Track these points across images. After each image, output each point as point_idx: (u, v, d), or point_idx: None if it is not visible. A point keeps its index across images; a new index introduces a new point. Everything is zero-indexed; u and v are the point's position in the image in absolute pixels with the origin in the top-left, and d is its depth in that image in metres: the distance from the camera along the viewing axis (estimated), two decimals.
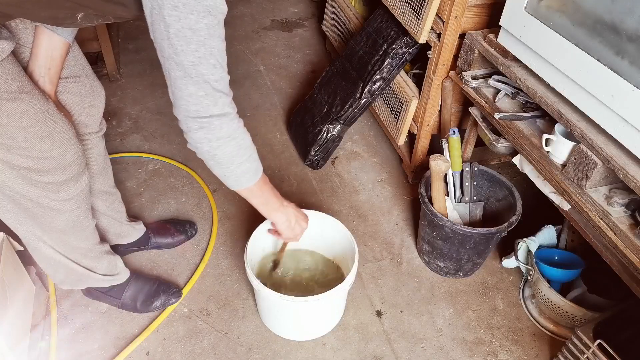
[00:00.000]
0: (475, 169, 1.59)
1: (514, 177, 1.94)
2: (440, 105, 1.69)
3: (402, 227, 1.78)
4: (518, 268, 1.62)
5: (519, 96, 1.41)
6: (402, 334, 1.46)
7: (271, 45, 2.67)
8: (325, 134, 1.89)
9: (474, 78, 1.49)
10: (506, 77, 1.40)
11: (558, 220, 1.52)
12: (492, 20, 1.49)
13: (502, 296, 1.58)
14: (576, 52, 1.12)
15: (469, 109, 1.57)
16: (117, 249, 1.51)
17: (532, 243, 1.50)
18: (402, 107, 1.81)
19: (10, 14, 0.92)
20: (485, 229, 1.42)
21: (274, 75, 2.46)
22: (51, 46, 1.04)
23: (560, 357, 1.30)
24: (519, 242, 1.51)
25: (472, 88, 1.49)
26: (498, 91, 1.45)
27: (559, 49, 1.17)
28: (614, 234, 1.14)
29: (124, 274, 1.42)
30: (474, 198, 1.63)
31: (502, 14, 1.32)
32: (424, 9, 1.51)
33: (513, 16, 1.29)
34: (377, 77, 1.77)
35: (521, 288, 1.60)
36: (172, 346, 1.39)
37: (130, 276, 1.44)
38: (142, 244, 1.58)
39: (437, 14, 1.52)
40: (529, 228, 1.54)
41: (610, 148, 1.11)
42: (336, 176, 1.96)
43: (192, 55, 0.85)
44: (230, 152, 1.00)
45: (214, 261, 1.61)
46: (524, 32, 1.26)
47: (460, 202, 1.62)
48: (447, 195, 1.62)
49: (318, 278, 1.53)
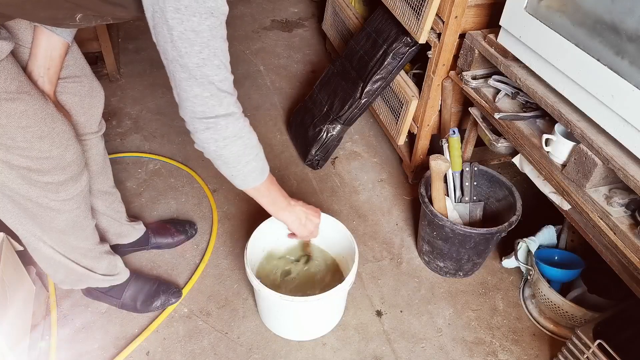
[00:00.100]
0: (475, 169, 1.59)
1: (514, 177, 1.94)
2: (440, 105, 1.69)
3: (402, 227, 1.78)
4: (518, 268, 1.62)
5: (519, 96, 1.41)
6: (402, 334, 1.46)
7: (271, 45, 2.67)
8: (325, 134, 1.89)
9: (474, 78, 1.49)
10: (506, 77, 1.40)
11: (558, 220, 1.52)
12: (492, 20, 1.49)
13: (502, 296, 1.58)
14: (576, 52, 1.12)
15: (469, 109, 1.57)
16: (117, 249, 1.51)
17: (532, 243, 1.50)
18: (402, 107, 1.81)
19: (9, 15, 0.92)
20: (485, 229, 1.42)
21: (274, 75, 2.46)
22: (50, 46, 1.04)
23: (560, 357, 1.30)
24: (519, 242, 1.51)
25: (472, 88, 1.49)
26: (498, 91, 1.45)
27: (559, 49, 1.17)
28: (614, 234, 1.14)
29: (124, 274, 1.42)
30: (474, 198, 1.63)
31: (502, 14, 1.32)
32: (424, 9, 1.51)
33: (513, 16, 1.29)
34: (377, 77, 1.77)
35: (521, 288, 1.60)
36: (172, 346, 1.39)
37: (130, 276, 1.44)
38: (142, 244, 1.58)
39: (437, 14, 1.52)
40: (529, 228, 1.54)
41: (610, 148, 1.11)
42: (336, 176, 1.96)
43: (196, 56, 0.86)
44: (237, 152, 1.00)
45: (214, 261, 1.61)
46: (524, 32, 1.26)
47: (460, 202, 1.62)
48: (447, 195, 1.62)
49: (318, 278, 1.54)
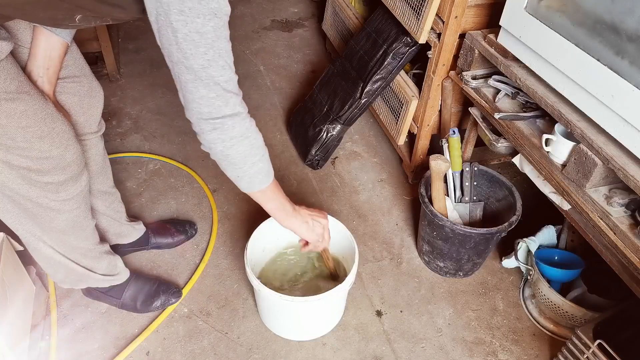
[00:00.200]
0: (475, 169, 1.59)
1: (514, 177, 1.94)
2: (440, 105, 1.69)
3: (402, 227, 1.78)
4: (518, 268, 1.62)
5: (519, 96, 1.41)
6: (402, 334, 1.46)
7: (271, 45, 2.67)
8: (325, 134, 1.89)
9: (474, 78, 1.49)
10: (506, 77, 1.40)
11: (558, 220, 1.52)
12: (492, 20, 1.49)
13: (502, 296, 1.58)
14: (576, 52, 1.12)
15: (469, 109, 1.57)
16: (117, 249, 1.51)
17: (532, 243, 1.50)
18: (402, 107, 1.81)
19: (9, 15, 0.92)
20: (485, 229, 1.42)
21: (274, 75, 2.46)
22: (49, 46, 1.04)
23: (560, 357, 1.30)
24: (519, 242, 1.51)
25: (472, 88, 1.49)
26: (498, 91, 1.45)
27: (559, 49, 1.17)
28: (614, 234, 1.14)
29: (124, 274, 1.42)
30: (474, 198, 1.63)
31: (502, 14, 1.32)
32: (424, 9, 1.51)
33: (513, 16, 1.28)
34: (377, 77, 1.77)
35: (521, 288, 1.60)
36: (172, 346, 1.39)
37: (130, 276, 1.44)
38: (142, 244, 1.58)
39: (437, 14, 1.52)
40: (529, 228, 1.54)
41: (610, 148, 1.11)
42: (336, 176, 1.96)
43: (201, 58, 0.86)
44: (244, 152, 1.01)
45: (214, 261, 1.61)
46: (524, 32, 1.26)
47: (460, 202, 1.62)
48: (447, 195, 1.62)
49: (318, 278, 1.54)
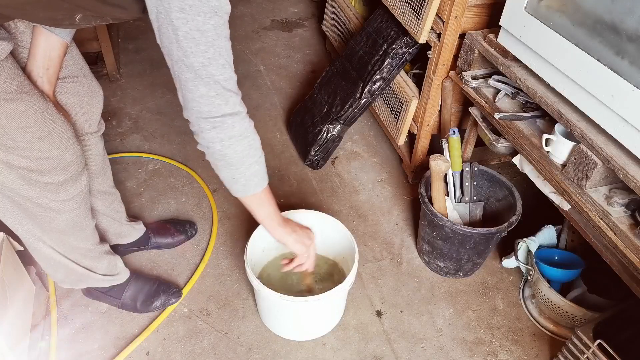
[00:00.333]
0: (475, 169, 1.59)
1: (514, 177, 1.94)
2: (440, 105, 1.69)
3: (402, 227, 1.78)
4: (518, 268, 1.62)
5: (519, 96, 1.41)
6: (402, 334, 1.46)
7: (271, 45, 2.67)
8: (325, 134, 1.89)
9: (474, 78, 1.49)
10: (506, 77, 1.40)
11: (558, 220, 1.52)
12: (492, 20, 1.49)
13: (502, 296, 1.58)
14: (576, 52, 1.12)
15: (469, 109, 1.57)
16: (117, 249, 1.51)
17: (532, 243, 1.50)
18: (402, 107, 1.81)
19: (9, 15, 0.92)
20: (485, 229, 1.42)
21: (274, 75, 2.46)
22: (49, 46, 1.04)
23: (560, 357, 1.30)
24: (519, 242, 1.51)
25: (472, 88, 1.49)
26: (498, 91, 1.45)
27: (559, 49, 1.17)
28: (614, 234, 1.14)
29: (124, 274, 1.42)
30: (474, 198, 1.63)
31: (502, 14, 1.32)
32: (424, 9, 1.51)
33: (513, 16, 1.28)
34: (377, 77, 1.77)
35: (521, 288, 1.60)
36: (172, 346, 1.39)
37: (130, 276, 1.44)
38: (142, 244, 1.58)
39: (437, 14, 1.52)
40: (529, 228, 1.54)
41: (610, 148, 1.11)
42: (336, 176, 1.96)
43: (201, 56, 0.86)
44: (242, 152, 1.01)
45: (214, 261, 1.61)
46: (524, 32, 1.26)
47: (460, 202, 1.62)
48: (447, 195, 1.62)
49: (318, 278, 1.54)
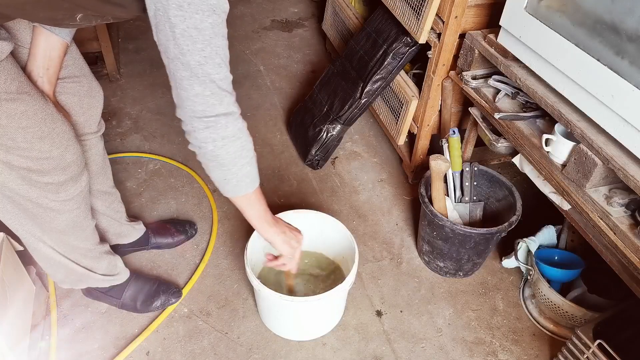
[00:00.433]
0: (475, 169, 1.59)
1: (514, 177, 1.94)
2: (440, 105, 1.69)
3: (402, 227, 1.78)
4: (518, 268, 1.62)
5: (519, 96, 1.41)
6: (402, 334, 1.46)
7: (271, 45, 2.67)
8: (325, 134, 1.89)
9: (474, 78, 1.49)
10: (506, 77, 1.40)
11: (558, 220, 1.52)
12: (492, 20, 1.49)
13: (502, 296, 1.58)
14: (576, 52, 1.12)
15: (469, 109, 1.57)
16: (117, 249, 1.51)
17: (532, 243, 1.50)
18: (402, 107, 1.81)
19: (9, 15, 0.92)
20: (485, 229, 1.42)
21: (274, 75, 2.46)
22: (49, 46, 1.04)
23: (560, 357, 1.30)
24: (519, 242, 1.51)
25: (472, 88, 1.49)
26: (498, 91, 1.45)
27: (559, 49, 1.17)
28: (614, 234, 1.14)
29: (124, 274, 1.42)
30: (474, 198, 1.63)
31: (502, 14, 1.32)
32: (424, 9, 1.51)
33: (513, 16, 1.28)
34: (377, 77, 1.77)
35: (521, 288, 1.60)
36: (172, 346, 1.39)
37: (130, 276, 1.44)
38: (142, 244, 1.58)
39: (437, 14, 1.52)
40: (529, 228, 1.54)
41: (610, 148, 1.11)
42: (336, 176, 1.96)
43: (198, 54, 0.85)
44: (234, 152, 1.00)
45: (214, 261, 1.61)
46: (524, 32, 1.26)
47: (460, 202, 1.62)
48: (447, 195, 1.62)
49: (317, 278, 1.54)
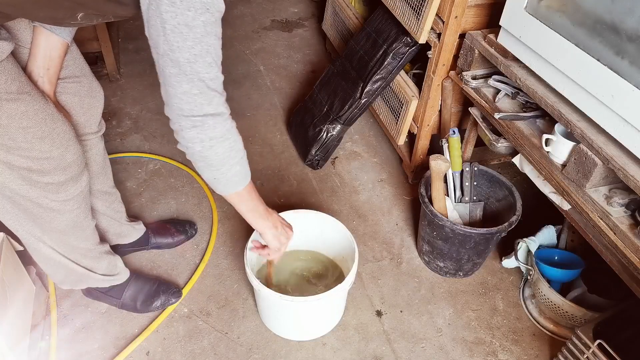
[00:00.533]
0: (475, 169, 1.59)
1: (514, 177, 1.94)
2: (440, 105, 1.69)
3: (402, 227, 1.78)
4: (518, 268, 1.62)
5: (519, 96, 1.41)
6: (402, 334, 1.46)
7: (271, 45, 2.67)
8: (325, 134, 1.89)
9: (474, 78, 1.49)
10: (506, 77, 1.40)
11: (558, 220, 1.52)
12: (492, 20, 1.49)
13: (502, 296, 1.58)
14: (576, 52, 1.12)
15: (469, 109, 1.57)
16: (117, 249, 1.51)
17: (532, 243, 1.50)
18: (402, 107, 1.81)
19: (9, 14, 0.92)
20: (485, 229, 1.42)
21: (274, 75, 2.46)
22: (49, 46, 1.04)
23: (560, 357, 1.30)
24: (519, 242, 1.51)
25: (472, 88, 1.49)
26: (498, 91, 1.45)
27: (559, 49, 1.17)
28: (614, 234, 1.14)
29: (124, 274, 1.42)
30: (474, 198, 1.63)
31: (502, 14, 1.32)
32: (424, 9, 1.51)
33: (513, 16, 1.29)
34: (377, 77, 1.77)
35: (521, 288, 1.60)
36: (172, 346, 1.39)
37: (130, 276, 1.44)
38: (142, 244, 1.58)
39: (437, 14, 1.52)
40: (529, 228, 1.54)
41: (610, 148, 1.11)
42: (336, 176, 1.96)
43: (187, 52, 0.84)
44: (222, 154, 0.98)
45: (214, 261, 1.61)
46: (524, 32, 1.26)
47: (460, 202, 1.62)
48: (447, 195, 1.62)
49: (317, 278, 1.53)
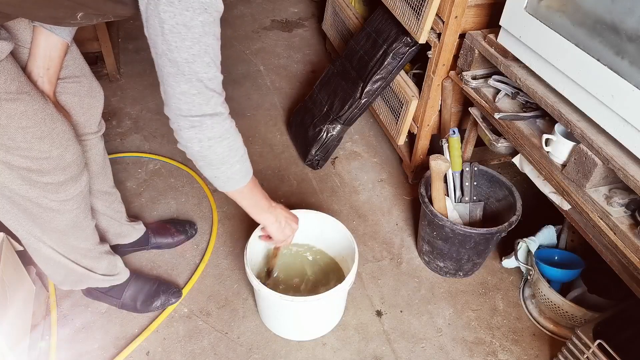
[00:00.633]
0: (475, 169, 1.59)
1: (514, 177, 1.94)
2: (440, 105, 1.69)
3: (402, 227, 1.78)
4: (518, 268, 1.62)
5: (519, 96, 1.41)
6: (402, 334, 1.46)
7: (271, 45, 2.67)
8: (325, 134, 1.89)
9: (474, 78, 1.49)
10: (506, 77, 1.40)
11: (558, 220, 1.52)
12: (492, 20, 1.49)
13: (502, 296, 1.58)
14: (576, 52, 1.12)
15: (469, 109, 1.57)
16: (117, 249, 1.51)
17: (532, 243, 1.50)
18: (402, 107, 1.81)
19: (9, 14, 0.92)
20: (485, 229, 1.42)
21: (274, 75, 2.46)
22: (49, 46, 1.04)
23: (560, 357, 1.30)
24: (519, 242, 1.51)
25: (472, 88, 1.49)
26: (498, 91, 1.45)
27: (559, 49, 1.17)
28: (614, 234, 1.14)
29: (123, 274, 1.42)
30: (474, 198, 1.63)
31: (502, 14, 1.32)
32: (424, 9, 1.51)
33: (513, 16, 1.29)
34: (377, 77, 1.77)
35: (521, 288, 1.60)
36: (172, 346, 1.39)
37: (130, 276, 1.44)
38: (142, 244, 1.58)
39: (437, 14, 1.52)
40: (529, 228, 1.54)
41: (610, 148, 1.11)
42: (336, 176, 1.96)
43: (186, 52, 0.84)
44: (222, 153, 0.99)
45: (214, 261, 1.61)
46: (524, 32, 1.26)
47: (460, 202, 1.62)
48: (447, 195, 1.62)
49: (318, 278, 1.54)
